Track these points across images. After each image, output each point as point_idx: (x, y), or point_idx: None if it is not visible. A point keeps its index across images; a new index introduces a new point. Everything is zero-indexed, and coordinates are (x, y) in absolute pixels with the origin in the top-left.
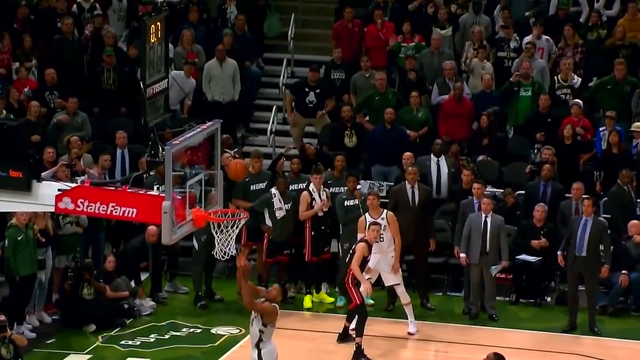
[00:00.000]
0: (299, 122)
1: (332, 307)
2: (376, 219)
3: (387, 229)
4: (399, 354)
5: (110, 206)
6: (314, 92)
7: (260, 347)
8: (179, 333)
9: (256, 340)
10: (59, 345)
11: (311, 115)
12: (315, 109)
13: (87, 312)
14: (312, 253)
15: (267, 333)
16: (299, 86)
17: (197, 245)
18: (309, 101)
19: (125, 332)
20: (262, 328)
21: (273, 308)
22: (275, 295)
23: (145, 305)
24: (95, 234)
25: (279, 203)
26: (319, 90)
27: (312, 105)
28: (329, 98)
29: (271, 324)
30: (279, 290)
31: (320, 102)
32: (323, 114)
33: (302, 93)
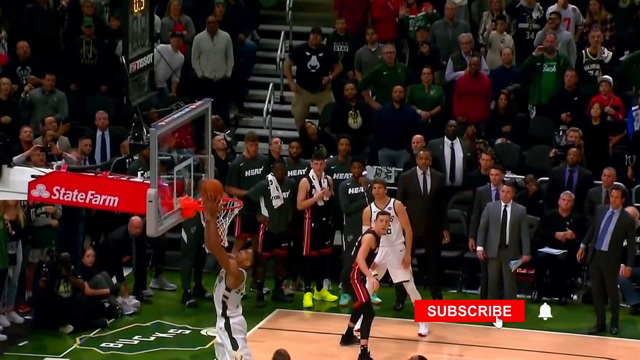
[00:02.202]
0: (302, 97)
1: (334, 305)
2: (382, 209)
3: (395, 220)
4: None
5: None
6: (317, 56)
7: (227, 315)
8: (165, 334)
9: (221, 309)
10: (32, 348)
11: (315, 85)
12: (319, 75)
13: (63, 312)
14: (312, 246)
15: (232, 300)
16: (299, 51)
17: (186, 237)
18: (310, 66)
19: (106, 333)
20: (226, 293)
21: (240, 272)
22: (244, 259)
23: (128, 303)
24: (72, 225)
25: (276, 191)
26: (322, 54)
27: (314, 71)
28: (335, 62)
29: (235, 290)
30: (249, 254)
31: (325, 68)
32: (329, 80)
33: (302, 58)
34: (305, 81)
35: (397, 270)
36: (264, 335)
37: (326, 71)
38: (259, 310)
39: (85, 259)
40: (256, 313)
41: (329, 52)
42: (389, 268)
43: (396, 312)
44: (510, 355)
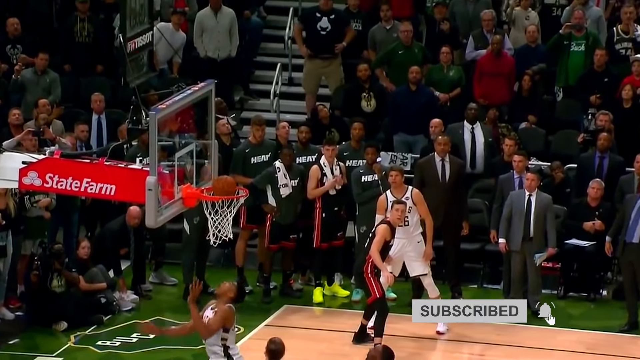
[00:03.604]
0: (313, 67)
1: (346, 301)
2: (399, 198)
3: (413, 211)
4: (426, 358)
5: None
6: (328, 17)
7: (231, 355)
8: None
9: (222, 351)
10: (24, 347)
11: (325, 50)
12: (330, 38)
13: (57, 308)
14: (322, 238)
15: (231, 338)
16: (309, 14)
17: (187, 228)
18: (321, 27)
19: (102, 331)
20: (224, 335)
21: (228, 309)
22: (226, 291)
23: (125, 299)
24: (67, 215)
25: (283, 179)
26: (333, 16)
27: (325, 34)
28: (347, 26)
29: (232, 327)
30: (230, 285)
31: (337, 33)
32: (342, 47)
33: (312, 20)
34: (316, 45)
35: (414, 263)
36: (271, 333)
37: (338, 35)
38: (265, 306)
39: (80, 251)
40: (263, 309)
41: (340, 15)
42: (405, 261)
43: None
44: (535, 355)
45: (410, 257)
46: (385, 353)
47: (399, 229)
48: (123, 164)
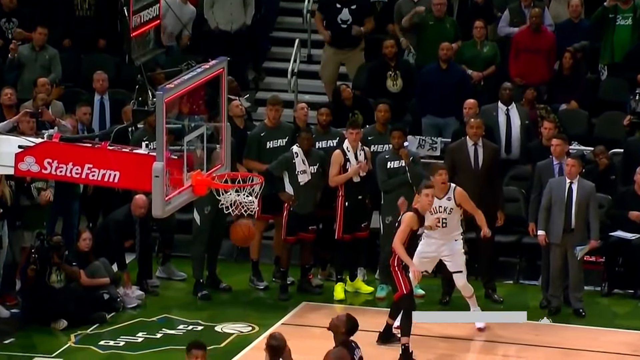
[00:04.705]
0: (332, 56)
1: (370, 298)
2: (441, 198)
3: (453, 212)
4: (459, 358)
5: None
6: (348, 8)
7: None
8: (174, 331)
9: None
10: (20, 346)
11: (346, 43)
12: (351, 31)
13: (56, 305)
14: (345, 229)
15: None
16: (328, 3)
17: (198, 219)
18: (341, 20)
19: (105, 329)
20: None
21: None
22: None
23: (130, 295)
24: (66, 204)
25: (302, 165)
26: (354, 7)
27: (345, 27)
28: (368, 17)
29: None
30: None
31: (358, 23)
32: (361, 31)
33: (331, 11)
34: (335, 38)
35: (451, 260)
36: (289, 332)
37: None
38: (282, 303)
39: (81, 243)
40: (279, 307)
41: (362, 4)
42: (442, 259)
43: (442, 306)
44: (576, 357)
45: (447, 255)
46: (349, 322)
47: (437, 230)
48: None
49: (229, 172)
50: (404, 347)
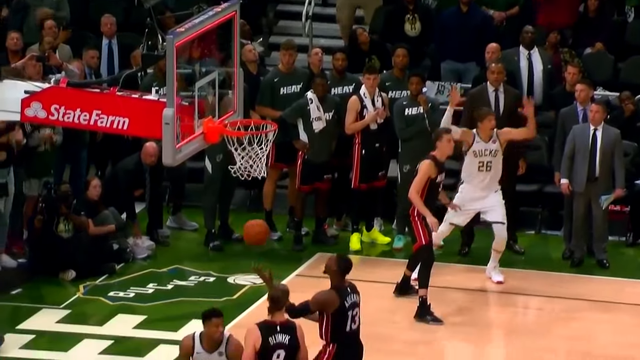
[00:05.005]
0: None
1: (387, 249)
2: (487, 142)
3: (498, 155)
4: (477, 312)
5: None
6: None
7: None
8: (185, 282)
9: None
10: (27, 297)
11: None
12: None
13: (64, 255)
14: (361, 178)
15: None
16: None
17: (209, 167)
18: None
19: (115, 280)
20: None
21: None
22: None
23: (140, 245)
24: (74, 152)
25: (317, 111)
26: None
27: None
28: None
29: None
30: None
31: None
32: None
33: None
34: None
35: (492, 208)
36: (303, 284)
37: None
38: (296, 254)
39: (90, 190)
40: (294, 258)
41: None
42: (482, 209)
43: (461, 257)
44: (601, 310)
45: (487, 206)
46: (340, 261)
47: (478, 174)
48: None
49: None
50: (422, 300)
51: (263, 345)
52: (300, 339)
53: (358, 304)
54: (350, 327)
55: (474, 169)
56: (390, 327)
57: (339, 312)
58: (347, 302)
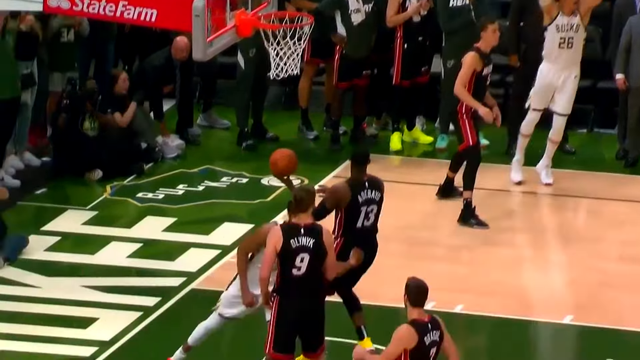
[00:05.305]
0: None
1: (430, 149)
2: (569, 16)
3: (580, 30)
4: (524, 215)
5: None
6: None
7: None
8: (216, 184)
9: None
10: (51, 198)
11: None
12: None
13: (90, 153)
14: (403, 74)
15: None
16: None
17: (242, 62)
18: None
19: (143, 181)
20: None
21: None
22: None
23: (170, 144)
24: (100, 45)
25: (355, 3)
26: None
27: None
28: None
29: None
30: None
31: None
32: None
33: None
34: None
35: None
36: None
37: None
38: (333, 155)
39: (119, 84)
40: (330, 159)
41: None
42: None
43: (508, 157)
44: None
45: (559, 88)
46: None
47: (560, 51)
48: None
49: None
50: (466, 202)
51: (284, 248)
52: (327, 244)
53: (376, 201)
54: (363, 224)
55: (554, 45)
56: (432, 232)
57: (351, 206)
58: (360, 197)
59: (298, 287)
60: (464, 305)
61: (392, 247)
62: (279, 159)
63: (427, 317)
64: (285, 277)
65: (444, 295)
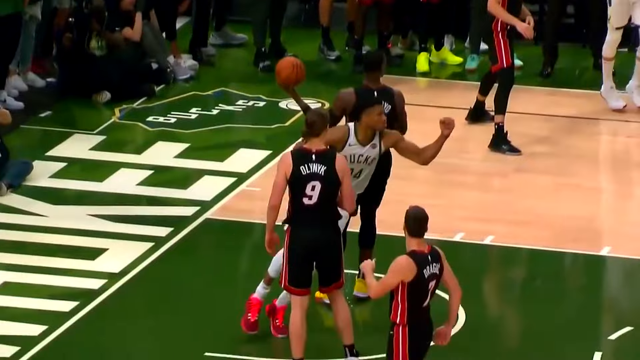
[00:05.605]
0: None
1: (459, 70)
2: None
3: None
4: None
5: None
6: None
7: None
8: (232, 107)
9: None
10: (57, 121)
11: None
12: None
13: (97, 74)
14: None
15: None
16: None
17: None
18: None
19: (154, 104)
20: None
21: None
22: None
23: (182, 65)
24: None
25: None
26: None
27: None
28: None
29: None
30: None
31: None
32: None
33: None
34: None
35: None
36: None
37: None
38: (356, 76)
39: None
40: (353, 80)
41: None
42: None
43: (543, 78)
44: None
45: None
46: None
47: None
48: None
49: None
50: (498, 127)
51: (294, 174)
52: (340, 172)
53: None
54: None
55: None
56: (462, 158)
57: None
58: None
59: (310, 217)
60: (495, 237)
61: (419, 174)
62: (283, 68)
63: (427, 247)
64: (296, 206)
65: (473, 225)
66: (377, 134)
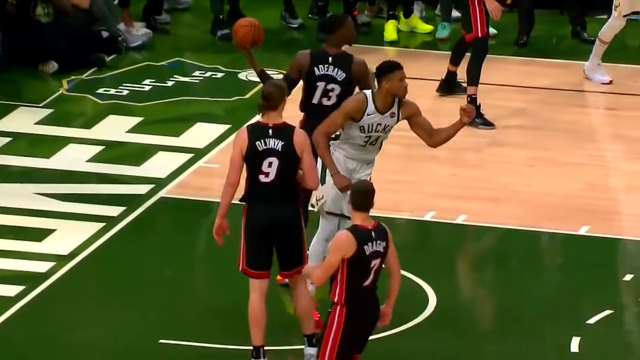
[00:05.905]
0: None
1: (429, 39)
2: None
3: None
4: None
5: None
6: None
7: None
8: (188, 78)
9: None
10: (1, 94)
11: None
12: None
13: (44, 42)
14: None
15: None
16: None
17: None
18: None
19: (105, 75)
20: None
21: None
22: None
23: (134, 33)
24: None
25: None
26: None
27: None
28: None
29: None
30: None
31: None
32: None
33: None
34: None
35: None
36: None
37: None
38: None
39: None
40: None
41: None
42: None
43: (518, 48)
44: None
45: None
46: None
47: None
48: None
49: None
50: (471, 99)
51: (250, 150)
52: (299, 147)
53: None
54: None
55: None
56: None
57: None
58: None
59: (266, 195)
60: (468, 215)
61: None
62: (239, 26)
63: (373, 223)
64: (253, 183)
65: (445, 202)
66: (396, 102)
